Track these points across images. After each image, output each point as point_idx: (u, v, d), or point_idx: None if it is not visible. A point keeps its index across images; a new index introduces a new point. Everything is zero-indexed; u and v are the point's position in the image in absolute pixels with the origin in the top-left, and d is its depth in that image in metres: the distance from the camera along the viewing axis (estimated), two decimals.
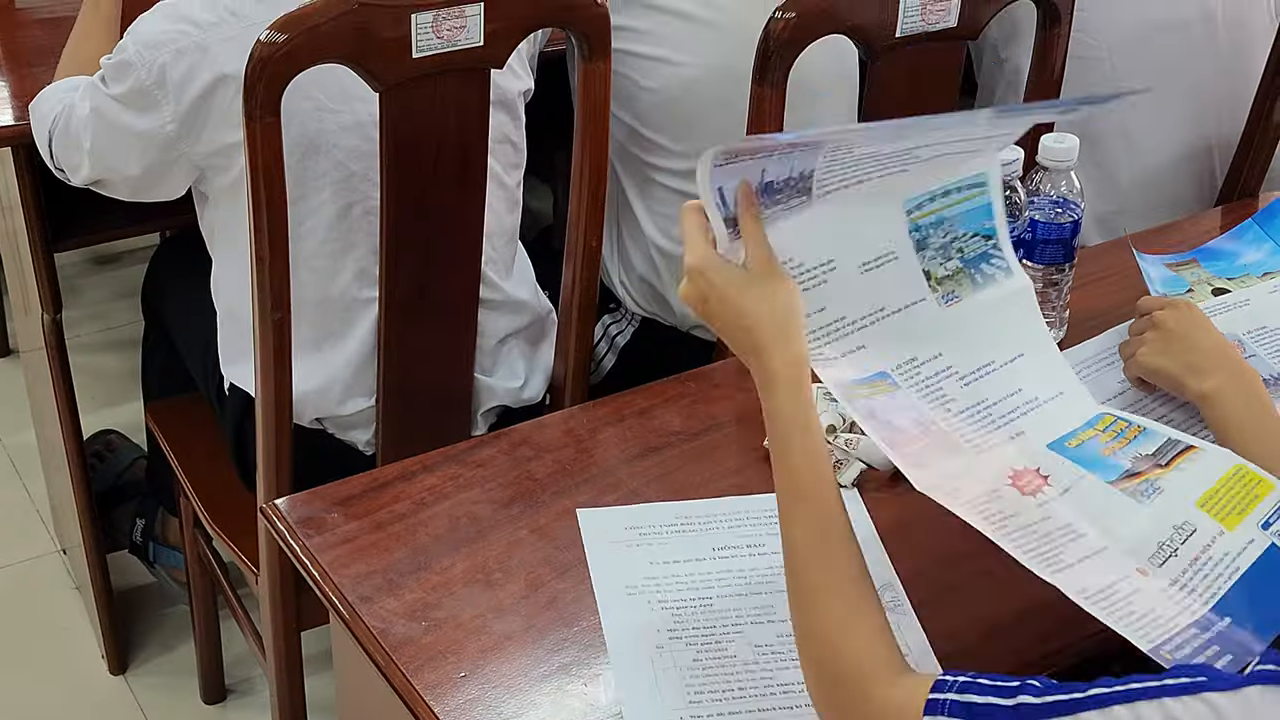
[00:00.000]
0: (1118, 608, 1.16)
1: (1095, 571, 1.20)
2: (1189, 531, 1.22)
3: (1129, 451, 1.33)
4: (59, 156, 1.87)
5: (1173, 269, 1.80)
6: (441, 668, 1.25)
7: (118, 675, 2.43)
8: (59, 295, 2.15)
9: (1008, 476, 1.29)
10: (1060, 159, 1.64)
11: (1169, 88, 2.20)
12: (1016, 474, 1.29)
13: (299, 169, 1.68)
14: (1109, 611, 1.15)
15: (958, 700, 0.96)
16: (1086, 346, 1.68)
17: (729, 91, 1.95)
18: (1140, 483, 1.28)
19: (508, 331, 1.91)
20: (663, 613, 1.31)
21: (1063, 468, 1.30)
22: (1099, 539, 1.23)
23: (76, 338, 3.10)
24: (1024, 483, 1.29)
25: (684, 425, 1.55)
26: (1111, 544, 1.23)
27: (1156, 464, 1.30)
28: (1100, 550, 1.22)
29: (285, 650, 1.89)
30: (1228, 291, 1.76)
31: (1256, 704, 0.85)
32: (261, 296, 1.63)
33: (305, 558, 1.37)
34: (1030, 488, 1.28)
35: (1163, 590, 1.18)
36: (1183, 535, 1.22)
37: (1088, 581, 1.18)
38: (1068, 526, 1.24)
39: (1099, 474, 1.29)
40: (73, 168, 1.85)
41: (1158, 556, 1.21)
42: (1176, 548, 1.21)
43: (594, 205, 1.80)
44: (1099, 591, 1.17)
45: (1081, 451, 1.32)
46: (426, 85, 1.63)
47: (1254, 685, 0.86)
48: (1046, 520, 1.24)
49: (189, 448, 2.10)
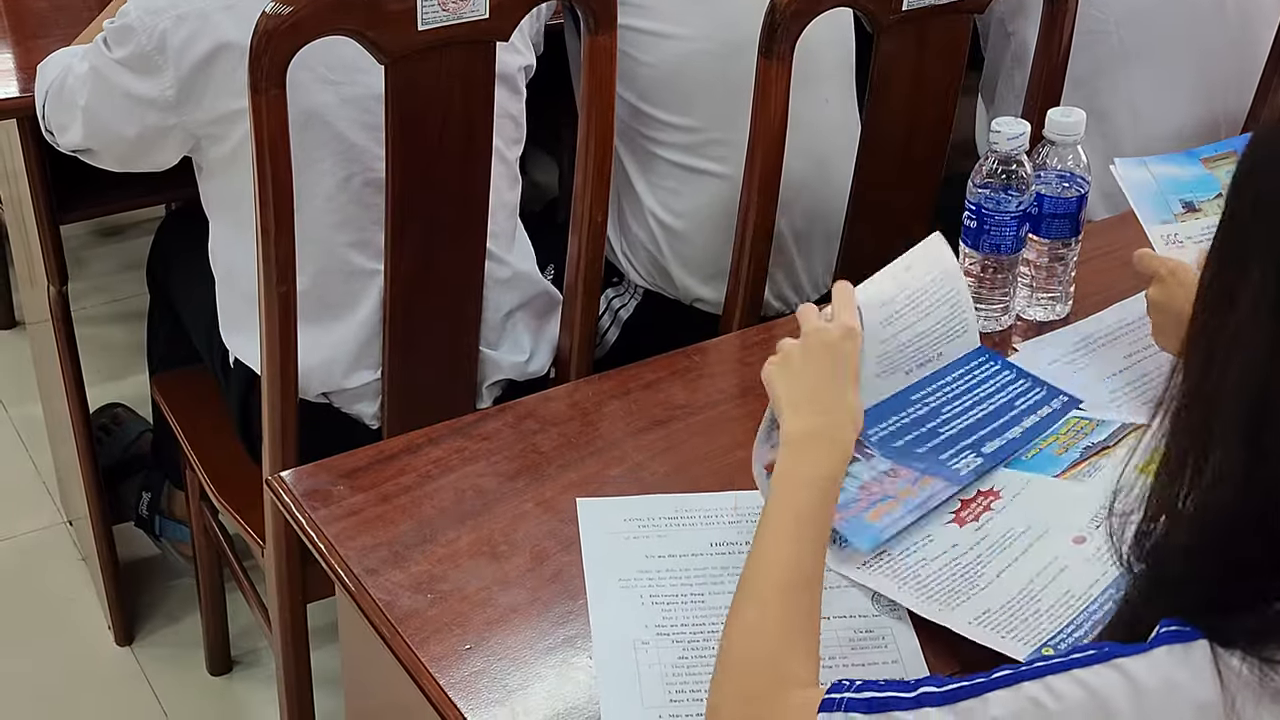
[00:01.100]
0: (1012, 617, 1.25)
1: (1013, 578, 1.29)
2: (1125, 490, 1.27)
3: (1082, 444, 1.43)
4: (50, 116, 1.87)
5: (1208, 164, 1.71)
6: (447, 640, 1.25)
7: (124, 646, 2.43)
8: (65, 267, 2.15)
9: (950, 514, 1.37)
10: (1067, 133, 1.64)
11: (1177, 62, 2.20)
12: (964, 503, 1.38)
13: (299, 139, 1.68)
14: (992, 630, 1.24)
15: (855, 698, 0.96)
16: (1091, 321, 1.69)
17: (727, 65, 1.94)
18: (1084, 467, 1.39)
19: (513, 305, 1.91)
20: (653, 608, 1.29)
21: (1015, 480, 1.40)
22: (1042, 524, 1.34)
23: (82, 310, 3.10)
24: (968, 512, 1.38)
25: (689, 399, 1.55)
26: (1053, 525, 1.34)
27: (1104, 447, 1.42)
28: (1042, 535, 1.33)
29: (291, 622, 1.90)
30: None
31: (1165, 663, 0.86)
32: (267, 270, 1.63)
33: (311, 530, 1.37)
34: (974, 514, 1.37)
35: (1087, 560, 1.29)
36: (1118, 496, 1.27)
37: (992, 602, 1.27)
38: (1005, 535, 1.34)
39: (1047, 472, 1.40)
40: (61, 127, 1.85)
41: (1095, 520, 1.32)
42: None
43: (599, 180, 1.80)
44: (1000, 608, 1.26)
45: (1034, 460, 1.43)
46: (432, 58, 1.63)
47: (1160, 646, 0.87)
48: (978, 545, 1.33)
49: (194, 420, 2.11)
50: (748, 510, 1.40)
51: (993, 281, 1.65)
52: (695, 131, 2.02)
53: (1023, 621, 1.25)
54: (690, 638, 1.26)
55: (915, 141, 1.97)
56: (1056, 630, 1.23)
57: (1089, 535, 1.31)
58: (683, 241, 2.08)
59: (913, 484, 1.38)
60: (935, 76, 1.93)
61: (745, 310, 1.91)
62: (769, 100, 1.78)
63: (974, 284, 1.65)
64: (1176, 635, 0.87)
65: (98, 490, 2.29)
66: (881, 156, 1.95)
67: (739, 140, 1.86)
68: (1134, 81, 2.20)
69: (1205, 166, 1.71)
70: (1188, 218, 1.60)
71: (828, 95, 2.05)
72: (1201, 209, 1.61)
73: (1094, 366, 1.61)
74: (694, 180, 2.05)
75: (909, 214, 2.02)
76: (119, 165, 1.87)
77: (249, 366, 1.86)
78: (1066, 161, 1.65)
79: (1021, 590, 1.28)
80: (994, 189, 1.61)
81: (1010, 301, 1.67)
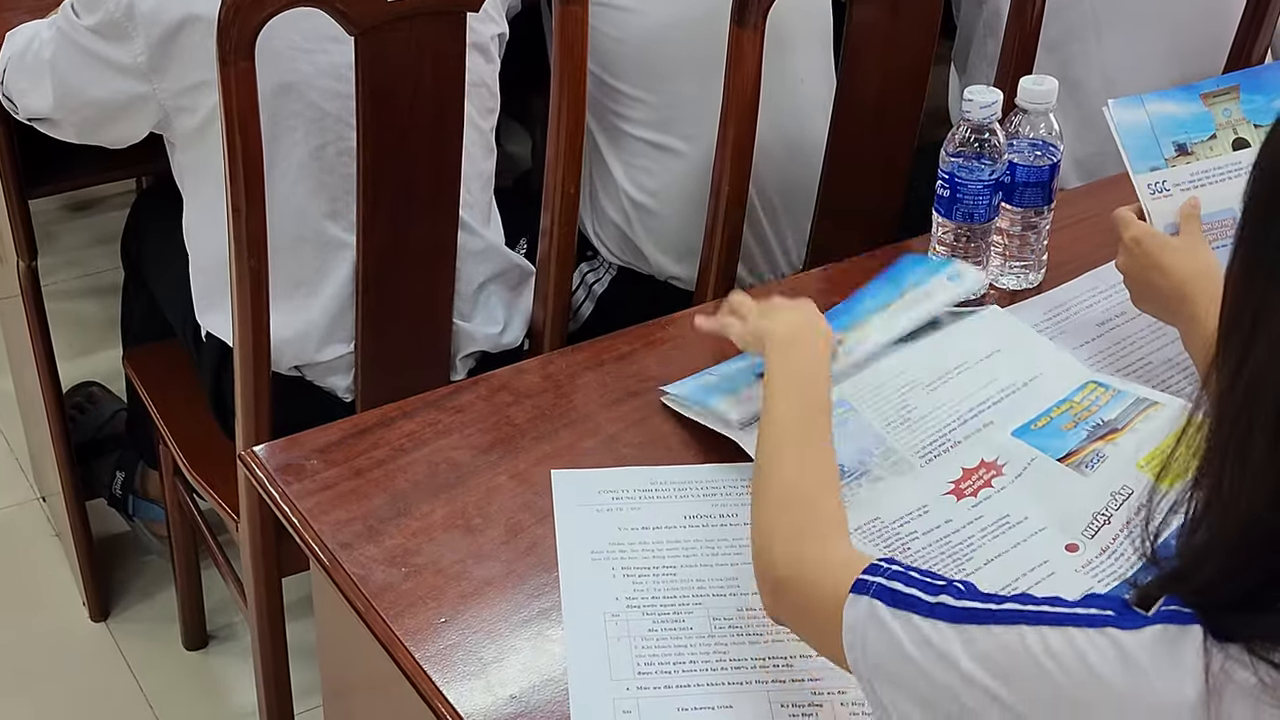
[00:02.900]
0: None
1: (1002, 568, 1.29)
2: (1125, 495, 1.30)
3: (1092, 420, 1.41)
4: (10, 82, 1.85)
5: (1207, 100, 1.66)
6: (422, 613, 1.25)
7: (99, 622, 2.43)
8: (34, 241, 2.13)
9: (950, 483, 1.38)
10: (1039, 101, 1.64)
11: (1149, 28, 2.20)
12: (966, 472, 1.38)
13: (272, 107, 1.67)
14: None
15: (884, 585, 0.98)
16: (1064, 290, 1.69)
17: (695, 41, 1.94)
18: (1087, 454, 1.37)
19: (486, 277, 1.91)
20: (624, 580, 1.29)
21: (1020, 453, 1.39)
22: (1040, 520, 1.33)
23: (53, 285, 3.08)
24: (968, 484, 1.38)
25: (662, 370, 1.55)
26: (1051, 523, 1.33)
27: (1113, 428, 1.40)
28: (1038, 531, 1.32)
29: (266, 597, 1.89)
30: (1247, 145, 1.62)
31: (1159, 640, 0.86)
32: (238, 245, 1.62)
33: (285, 505, 1.37)
34: (973, 488, 1.37)
35: (1076, 571, 1.28)
36: (1119, 500, 1.31)
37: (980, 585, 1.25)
38: (1001, 520, 1.33)
39: (1051, 452, 1.38)
40: (21, 92, 1.84)
41: (1090, 528, 1.31)
42: (1111, 514, 1.31)
43: (571, 150, 1.79)
44: None
45: (1043, 432, 1.41)
46: (401, 29, 1.61)
47: (1157, 624, 0.87)
48: (972, 524, 1.33)
49: (167, 395, 2.10)
50: (722, 483, 1.40)
51: (966, 250, 1.65)
52: (664, 109, 2.02)
53: None
54: (661, 610, 1.27)
55: (888, 111, 1.97)
56: None
57: (1082, 545, 1.30)
58: (655, 219, 2.07)
59: None
60: (908, 45, 1.93)
61: (719, 280, 1.90)
62: (741, 69, 1.78)
63: (947, 253, 1.65)
64: (1175, 616, 0.87)
65: (70, 466, 2.28)
66: (854, 126, 1.95)
67: (710, 119, 1.85)
68: (1106, 49, 2.19)
69: (1204, 103, 1.66)
70: (1178, 161, 1.58)
71: (803, 74, 2.05)
72: (1194, 151, 1.59)
73: (1068, 334, 1.61)
74: (665, 158, 2.04)
75: (881, 184, 2.01)
76: (79, 135, 1.86)
77: (222, 340, 1.85)
78: (1039, 130, 1.65)
79: (1006, 586, 1.27)
80: (966, 158, 1.61)
81: (983, 271, 1.67)
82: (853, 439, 1.41)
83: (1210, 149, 1.60)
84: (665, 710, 1.18)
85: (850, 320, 1.54)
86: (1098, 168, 2.16)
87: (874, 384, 1.47)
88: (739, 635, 1.24)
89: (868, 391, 1.46)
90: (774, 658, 1.22)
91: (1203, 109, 1.63)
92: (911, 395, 1.46)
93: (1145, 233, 1.50)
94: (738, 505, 1.38)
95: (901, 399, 1.46)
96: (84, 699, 2.31)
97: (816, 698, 1.19)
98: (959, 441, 1.42)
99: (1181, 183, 1.57)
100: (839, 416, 1.41)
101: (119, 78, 1.73)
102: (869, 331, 1.52)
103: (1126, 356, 1.58)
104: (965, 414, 1.44)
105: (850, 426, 1.42)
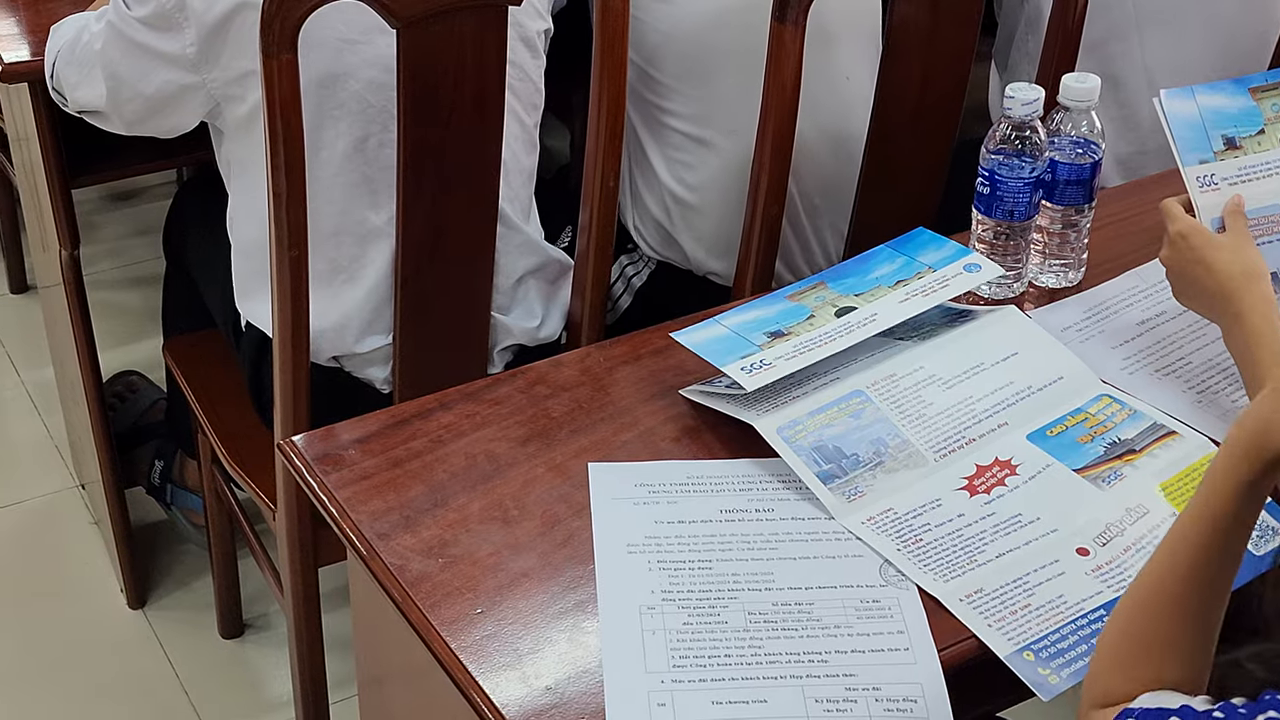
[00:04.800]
0: (1001, 606, 1.27)
1: (1012, 564, 1.30)
2: (1141, 513, 1.35)
3: (1109, 437, 1.44)
4: (61, 75, 1.86)
5: (1255, 94, 1.64)
6: (458, 604, 1.25)
7: (136, 609, 2.44)
8: (76, 231, 2.15)
9: (963, 479, 1.39)
10: (1081, 99, 1.63)
11: (1192, 25, 2.18)
12: (980, 469, 1.40)
13: (316, 98, 1.68)
14: (980, 614, 1.26)
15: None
16: (1104, 288, 1.68)
17: (739, 35, 1.93)
18: (1105, 470, 1.40)
19: (525, 271, 1.91)
20: (660, 573, 1.30)
21: (1034, 457, 1.41)
22: (1052, 522, 1.35)
23: (94, 274, 3.10)
24: (981, 480, 1.39)
25: (700, 364, 1.55)
26: (1062, 526, 1.35)
27: (1130, 449, 1.43)
28: (1050, 532, 1.34)
29: (303, 586, 1.90)
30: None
31: None
32: (279, 233, 1.63)
33: (323, 494, 1.38)
34: (986, 485, 1.39)
35: (1086, 574, 1.29)
36: (1134, 516, 1.36)
37: (986, 582, 1.29)
38: (1013, 518, 1.35)
39: (1067, 462, 1.41)
40: (72, 85, 1.85)
41: (1103, 536, 1.33)
42: (1125, 528, 1.35)
43: (611, 145, 1.79)
44: (994, 591, 1.28)
45: (1058, 440, 1.43)
46: (444, 22, 1.62)
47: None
48: (984, 519, 1.35)
49: (206, 384, 2.11)
50: (759, 478, 1.40)
51: (1005, 248, 1.64)
52: (706, 102, 2.02)
53: (1011, 614, 1.26)
54: (696, 604, 1.27)
55: (928, 108, 1.96)
56: (1043, 634, 1.24)
57: (1094, 550, 1.32)
58: (695, 214, 2.07)
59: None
60: (949, 41, 1.92)
61: (757, 278, 1.90)
62: (782, 65, 1.77)
63: (986, 250, 1.64)
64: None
65: (110, 455, 2.30)
66: (895, 122, 1.94)
67: (752, 114, 1.85)
68: (1149, 46, 2.18)
69: (1253, 97, 1.63)
70: (1227, 155, 1.56)
71: (848, 71, 2.04)
72: (1242, 146, 1.58)
73: (1107, 334, 1.60)
74: (705, 153, 2.04)
75: (922, 181, 2.01)
76: (128, 127, 1.87)
77: (262, 331, 1.86)
78: (1080, 127, 1.64)
79: (1017, 580, 1.29)
80: (1007, 155, 1.60)
81: (1022, 269, 1.67)
82: (867, 429, 1.42)
83: (1258, 144, 1.58)
84: (699, 703, 1.18)
85: (859, 285, 1.55)
86: (1139, 166, 2.15)
87: (890, 376, 1.48)
88: (774, 629, 1.25)
89: (884, 383, 1.47)
90: (809, 652, 1.22)
91: (1251, 103, 1.61)
92: (928, 390, 1.47)
93: (1191, 228, 1.49)
94: (774, 500, 1.38)
95: (917, 394, 1.47)
96: (121, 686, 2.33)
97: (850, 693, 1.19)
98: (974, 439, 1.43)
99: (1229, 177, 1.56)
100: (854, 406, 1.43)
101: (169, 69, 1.74)
102: (878, 305, 1.52)
103: (1166, 356, 1.57)
104: (981, 413, 1.45)
105: (865, 416, 1.43)
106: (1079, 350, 1.55)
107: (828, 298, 1.53)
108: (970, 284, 1.56)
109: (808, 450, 1.39)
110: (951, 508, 1.36)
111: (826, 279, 1.57)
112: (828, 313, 1.51)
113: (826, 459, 1.38)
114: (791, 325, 1.49)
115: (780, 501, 1.37)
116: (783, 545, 1.33)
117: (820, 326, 1.49)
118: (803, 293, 1.55)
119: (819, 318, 1.50)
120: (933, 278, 1.55)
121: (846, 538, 1.34)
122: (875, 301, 1.52)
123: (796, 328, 1.49)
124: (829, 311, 1.51)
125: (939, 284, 1.54)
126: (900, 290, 1.53)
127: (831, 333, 1.48)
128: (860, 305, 1.51)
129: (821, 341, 1.47)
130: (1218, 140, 1.57)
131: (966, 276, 1.56)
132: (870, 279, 1.56)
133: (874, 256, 1.59)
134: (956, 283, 1.55)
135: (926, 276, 1.55)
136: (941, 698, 1.20)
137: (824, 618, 1.26)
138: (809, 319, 1.50)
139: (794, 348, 1.46)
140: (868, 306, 1.51)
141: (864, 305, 1.51)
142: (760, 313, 1.52)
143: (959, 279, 1.55)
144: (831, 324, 1.49)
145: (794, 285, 1.58)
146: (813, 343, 1.46)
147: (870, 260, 1.59)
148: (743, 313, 1.53)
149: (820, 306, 1.52)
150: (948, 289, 1.54)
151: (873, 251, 1.60)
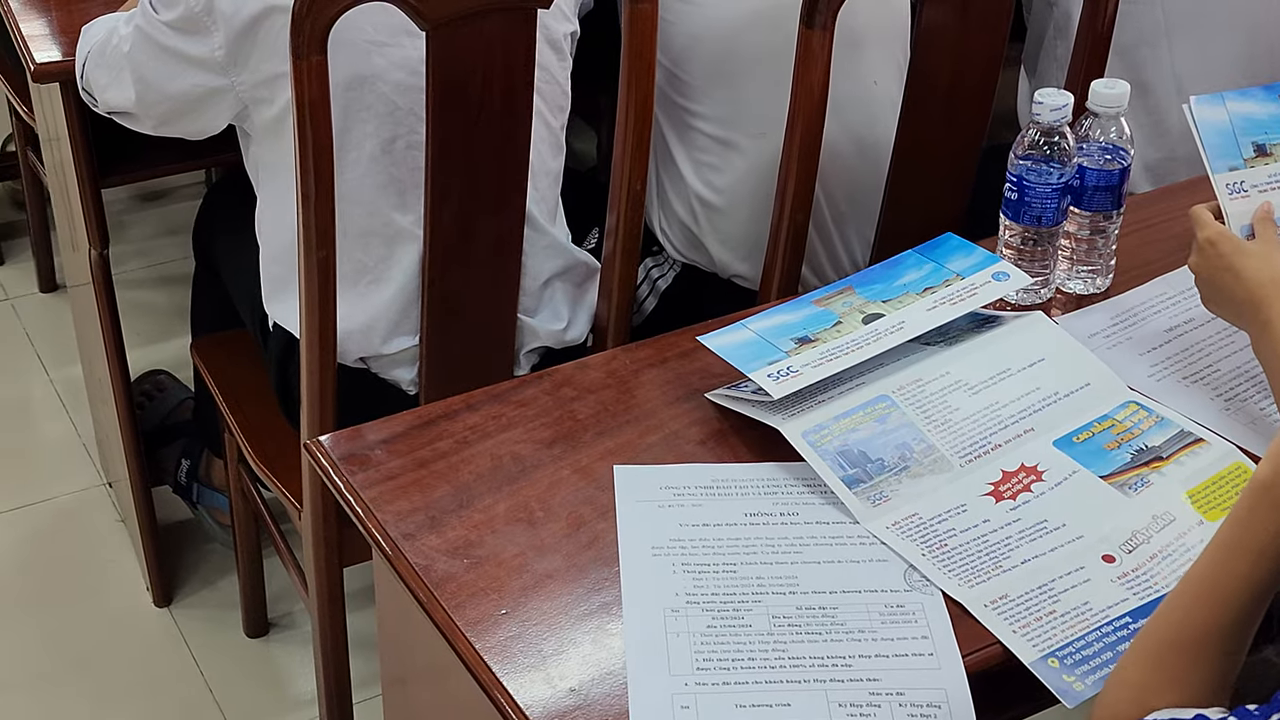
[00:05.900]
0: (1027, 612, 1.26)
1: (1037, 570, 1.30)
2: (1167, 520, 1.35)
3: (1135, 444, 1.44)
4: (91, 76, 1.87)
5: None
6: (483, 605, 1.26)
7: (162, 607, 2.45)
8: (106, 230, 2.16)
9: (989, 485, 1.39)
10: (1110, 105, 1.63)
11: (1222, 32, 2.17)
12: (1006, 475, 1.40)
13: (344, 100, 1.68)
14: (1005, 619, 1.26)
15: None
16: (1132, 295, 1.68)
17: (768, 38, 1.93)
18: (1131, 476, 1.40)
19: (552, 273, 1.92)
20: (684, 576, 1.30)
21: (1061, 463, 1.41)
22: (1078, 529, 1.35)
23: (123, 273, 3.12)
24: (1007, 486, 1.39)
25: (726, 368, 1.55)
26: (1088, 533, 1.35)
27: (1157, 456, 1.43)
28: (1076, 539, 1.33)
29: (328, 586, 1.91)
30: None
31: None
32: (306, 234, 1.63)
33: (349, 494, 1.38)
34: (1012, 491, 1.39)
35: (1112, 581, 1.29)
36: (1160, 524, 1.36)
37: (1011, 588, 1.29)
38: (1039, 524, 1.35)
39: (1094, 469, 1.40)
40: (102, 87, 1.86)
41: (1129, 544, 1.33)
42: (1151, 535, 1.35)
43: (638, 149, 1.80)
44: (1019, 597, 1.28)
45: (1085, 447, 1.43)
46: (473, 25, 1.62)
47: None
48: (1010, 525, 1.35)
49: (234, 384, 2.12)
50: (784, 481, 1.40)
51: (1032, 254, 1.64)
52: (734, 105, 2.02)
53: (1036, 620, 1.26)
54: (720, 607, 1.27)
55: (956, 112, 1.96)
56: (1068, 640, 1.24)
57: (1120, 557, 1.32)
58: (721, 217, 2.07)
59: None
60: (977, 47, 1.92)
61: (783, 282, 1.90)
62: (810, 69, 1.77)
63: (1014, 256, 1.64)
64: None
65: (137, 453, 2.31)
66: (922, 127, 1.94)
67: (780, 117, 1.85)
68: (1178, 53, 2.17)
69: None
70: (1257, 162, 1.56)
71: (876, 75, 2.04)
72: (1272, 153, 1.57)
73: (1134, 340, 1.60)
74: (733, 156, 2.04)
75: (949, 186, 2.01)
76: (158, 128, 1.88)
77: (289, 331, 1.87)
78: (1109, 134, 1.64)
79: (1042, 586, 1.29)
80: (1036, 161, 1.60)
81: (1050, 274, 1.66)
82: (893, 434, 1.42)
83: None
84: (723, 706, 1.18)
85: (887, 292, 1.55)
86: (1168, 173, 2.15)
87: (916, 380, 1.48)
88: (798, 633, 1.24)
89: (910, 388, 1.47)
90: (832, 656, 1.22)
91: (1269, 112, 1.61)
92: (954, 396, 1.47)
93: (1220, 234, 1.48)
94: (799, 504, 1.38)
95: (944, 399, 1.46)
96: (146, 683, 2.34)
97: (874, 698, 1.19)
98: (1000, 445, 1.43)
99: (1259, 184, 1.55)
100: (879, 411, 1.43)
101: (198, 72, 1.75)
102: (905, 313, 1.52)
103: (1195, 364, 1.56)
104: (1007, 419, 1.45)
105: (891, 421, 1.43)
106: (1106, 356, 1.55)
107: (855, 303, 1.53)
108: (998, 293, 1.56)
109: (833, 454, 1.39)
110: (977, 513, 1.36)
111: (854, 284, 1.57)
112: (855, 319, 1.51)
113: (852, 463, 1.39)
114: (819, 331, 1.49)
115: (805, 505, 1.37)
116: (807, 549, 1.32)
117: (847, 334, 1.48)
118: (830, 298, 1.55)
119: (846, 324, 1.50)
120: (960, 285, 1.55)
121: (871, 542, 1.34)
122: (903, 309, 1.52)
123: (824, 334, 1.49)
124: (856, 318, 1.51)
125: (967, 292, 1.54)
126: (928, 298, 1.53)
127: (859, 340, 1.47)
128: (888, 312, 1.51)
129: (849, 349, 1.46)
130: (1248, 147, 1.57)
131: (995, 285, 1.55)
132: (898, 285, 1.55)
133: (902, 262, 1.59)
134: (984, 291, 1.55)
135: (954, 284, 1.55)
136: (965, 703, 1.20)
137: (848, 622, 1.26)
138: (836, 325, 1.50)
139: (821, 355, 1.46)
140: (895, 314, 1.51)
141: (891, 312, 1.51)
142: (787, 317, 1.52)
143: (987, 288, 1.55)
144: (859, 331, 1.49)
145: (821, 290, 1.57)
146: (840, 350, 1.46)
147: (898, 266, 1.59)
148: (769, 317, 1.53)
149: (847, 312, 1.52)
150: (975, 298, 1.54)
151: (900, 257, 1.60)
